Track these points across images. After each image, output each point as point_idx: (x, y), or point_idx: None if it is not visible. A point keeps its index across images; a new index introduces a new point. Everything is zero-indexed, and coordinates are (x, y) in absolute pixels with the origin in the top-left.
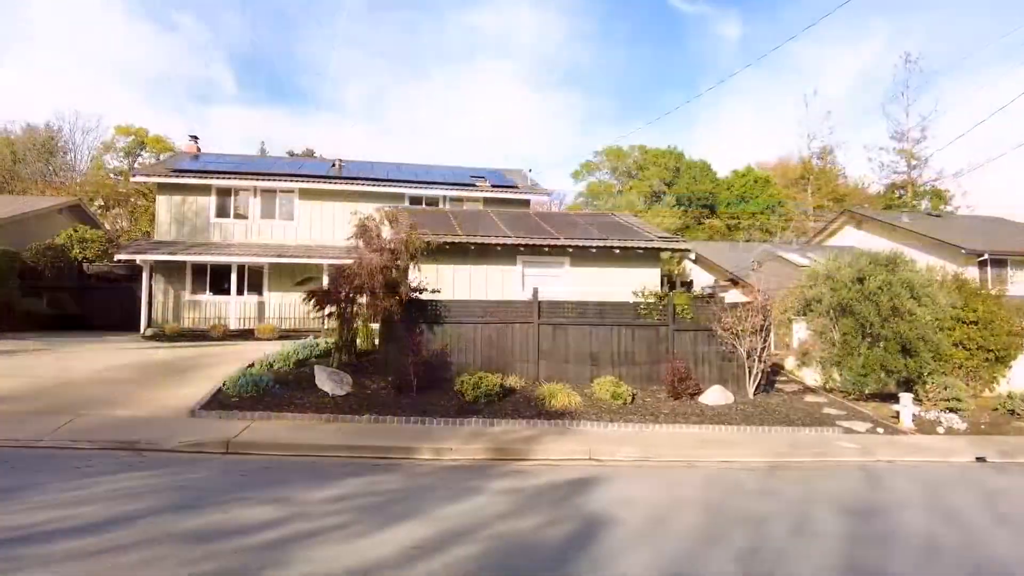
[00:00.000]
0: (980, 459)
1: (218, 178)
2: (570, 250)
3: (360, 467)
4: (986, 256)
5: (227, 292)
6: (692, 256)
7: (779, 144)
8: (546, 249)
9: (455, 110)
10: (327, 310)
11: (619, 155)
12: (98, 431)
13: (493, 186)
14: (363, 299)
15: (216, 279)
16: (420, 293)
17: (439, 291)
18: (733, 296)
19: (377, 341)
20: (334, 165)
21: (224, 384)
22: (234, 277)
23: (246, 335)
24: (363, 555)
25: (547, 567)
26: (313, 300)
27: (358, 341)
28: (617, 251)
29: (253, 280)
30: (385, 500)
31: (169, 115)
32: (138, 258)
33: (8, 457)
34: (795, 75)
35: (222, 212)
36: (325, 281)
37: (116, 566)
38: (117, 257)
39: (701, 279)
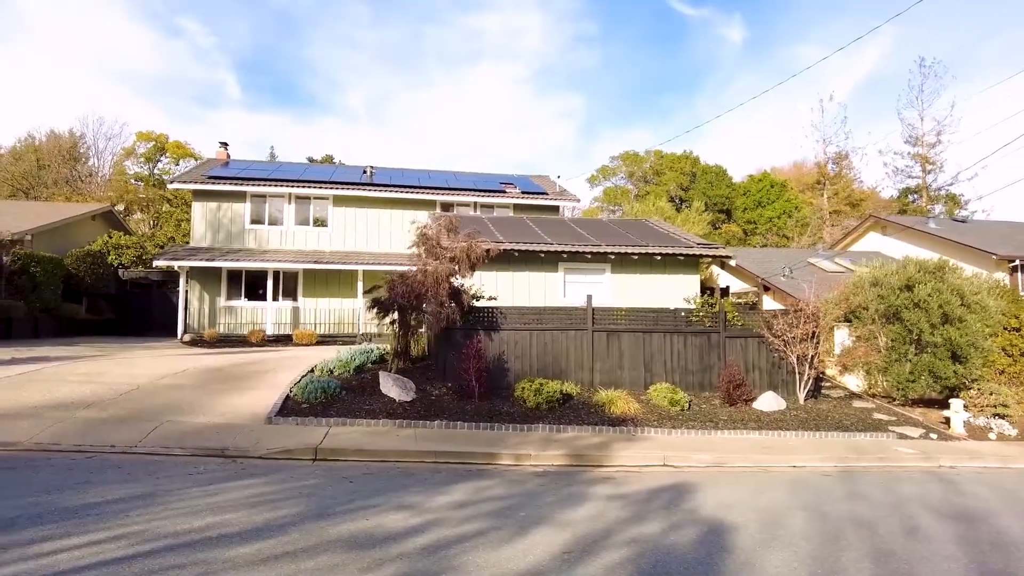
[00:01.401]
0: None
1: (253, 185)
2: (611, 257)
3: (454, 473)
4: (1017, 262)
5: (262, 298)
6: (733, 263)
7: (794, 148)
8: (588, 256)
9: (458, 113)
10: (389, 317)
11: (635, 160)
12: (185, 438)
13: (523, 192)
14: (425, 306)
15: (251, 285)
16: (477, 300)
17: (495, 298)
18: (767, 303)
19: (427, 347)
20: (366, 172)
21: (292, 391)
22: (270, 283)
23: (283, 341)
24: (522, 561)
25: (701, 571)
26: (377, 308)
27: (410, 347)
28: (658, 257)
29: (288, 286)
30: (504, 506)
31: (176, 120)
32: (176, 264)
33: (116, 463)
34: (808, 79)
35: (257, 218)
36: (360, 287)
37: (300, 571)
38: (155, 263)
39: (731, 285)
